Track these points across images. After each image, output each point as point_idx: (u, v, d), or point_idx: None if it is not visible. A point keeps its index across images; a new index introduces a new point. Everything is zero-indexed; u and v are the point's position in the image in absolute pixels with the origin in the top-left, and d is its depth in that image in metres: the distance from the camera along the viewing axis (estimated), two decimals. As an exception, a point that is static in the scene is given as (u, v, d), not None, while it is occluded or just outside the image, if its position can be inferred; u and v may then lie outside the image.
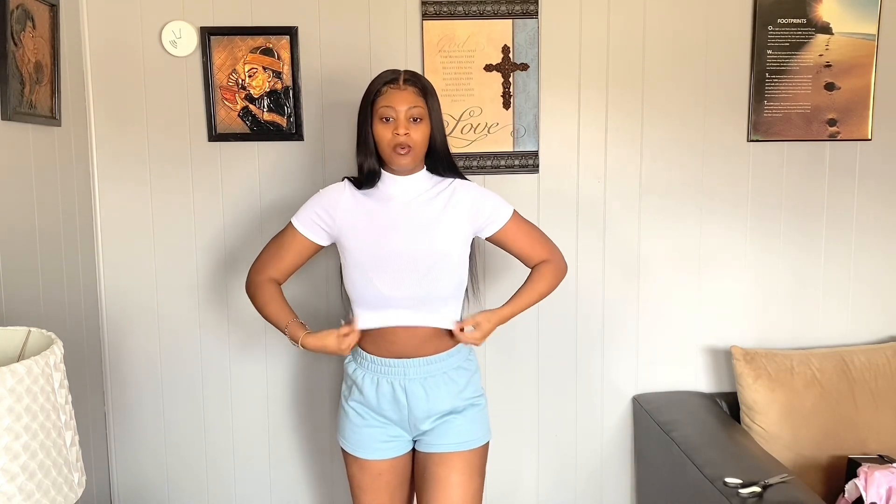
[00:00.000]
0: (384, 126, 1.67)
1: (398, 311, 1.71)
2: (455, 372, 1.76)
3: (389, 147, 1.66)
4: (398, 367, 1.72)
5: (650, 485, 2.31)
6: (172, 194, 2.26)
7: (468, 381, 1.79)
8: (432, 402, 1.73)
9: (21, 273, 1.82)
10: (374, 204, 1.74)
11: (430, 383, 1.73)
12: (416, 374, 1.72)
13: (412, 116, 1.66)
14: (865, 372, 2.25)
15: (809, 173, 2.36)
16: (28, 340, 1.26)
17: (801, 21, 2.28)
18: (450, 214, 1.73)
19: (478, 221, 1.76)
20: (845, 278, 2.42)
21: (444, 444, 1.75)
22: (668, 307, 2.39)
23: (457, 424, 1.75)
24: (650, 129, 2.31)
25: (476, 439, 1.77)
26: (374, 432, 1.77)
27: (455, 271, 1.74)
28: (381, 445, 1.77)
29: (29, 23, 1.84)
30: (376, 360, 1.74)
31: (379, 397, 1.74)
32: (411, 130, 1.65)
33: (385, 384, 1.73)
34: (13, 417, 1.05)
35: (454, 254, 1.73)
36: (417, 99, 1.67)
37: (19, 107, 1.79)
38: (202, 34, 2.18)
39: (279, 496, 2.41)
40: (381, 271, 1.70)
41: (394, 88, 1.67)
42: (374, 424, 1.77)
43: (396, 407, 1.74)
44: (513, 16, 2.23)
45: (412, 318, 1.71)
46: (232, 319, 2.32)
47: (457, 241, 1.73)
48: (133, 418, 2.34)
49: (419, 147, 1.68)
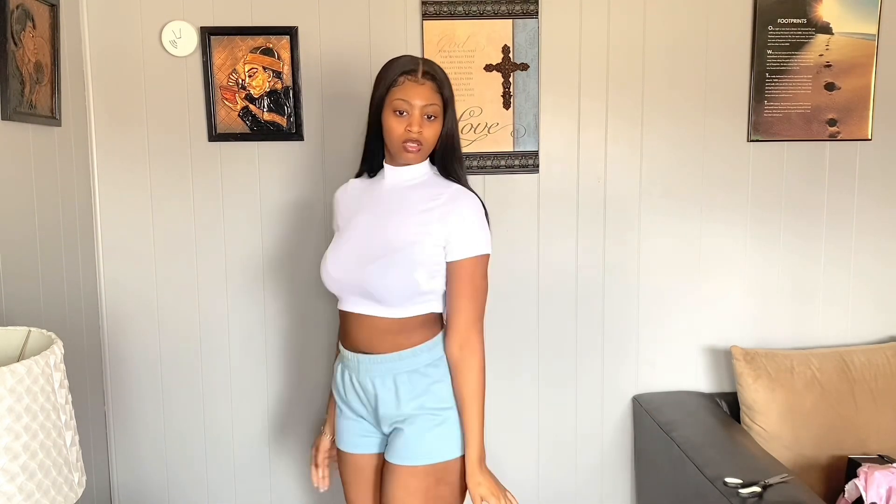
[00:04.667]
0: (397, 119, 1.60)
1: (348, 297, 1.66)
2: (409, 375, 1.63)
3: (399, 141, 1.61)
4: (354, 361, 1.66)
5: (650, 485, 2.31)
6: (172, 194, 2.26)
7: (426, 388, 1.63)
8: (386, 403, 1.64)
9: (21, 273, 1.82)
10: (367, 187, 1.74)
11: (380, 383, 1.63)
12: (367, 371, 1.64)
13: (427, 114, 1.60)
14: (865, 372, 2.25)
15: (809, 173, 2.37)
16: (28, 340, 1.26)
17: (801, 21, 2.28)
18: (427, 211, 1.62)
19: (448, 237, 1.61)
20: (845, 278, 2.42)
21: (391, 452, 1.64)
22: (668, 307, 2.39)
23: (405, 434, 1.62)
24: (650, 129, 2.31)
25: (424, 455, 1.60)
26: (351, 425, 1.74)
27: (409, 271, 1.58)
28: (359, 440, 1.73)
29: (29, 23, 1.84)
30: (343, 352, 1.71)
31: (345, 390, 1.71)
32: (424, 128, 1.60)
33: (348, 377, 1.70)
34: (13, 417, 1.05)
35: (415, 251, 1.59)
36: (434, 96, 1.60)
37: (19, 107, 1.79)
38: (202, 34, 2.18)
39: (280, 494, 2.41)
40: (335, 250, 1.69)
41: (412, 81, 1.59)
42: (350, 417, 1.74)
43: (360, 402, 1.70)
44: (513, 16, 2.23)
45: (362, 307, 1.64)
46: (232, 319, 2.32)
47: (422, 240, 1.60)
48: (133, 418, 2.34)
49: (429, 145, 1.63)
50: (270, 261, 2.30)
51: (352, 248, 1.65)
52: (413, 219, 1.62)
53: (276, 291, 2.32)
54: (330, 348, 2.32)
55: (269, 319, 2.33)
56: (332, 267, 1.67)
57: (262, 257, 2.30)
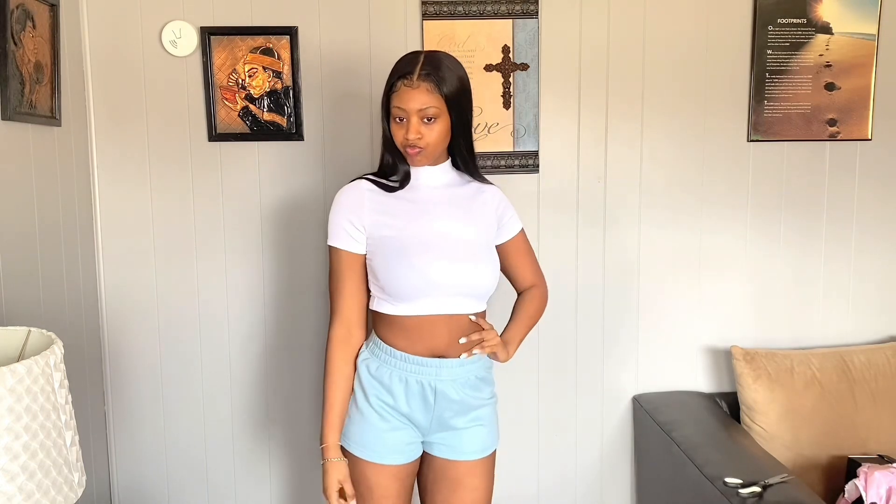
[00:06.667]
0: (397, 126, 1.63)
1: (438, 298, 1.62)
2: (478, 380, 1.72)
3: (402, 147, 1.64)
4: (431, 366, 1.64)
5: (650, 485, 2.31)
6: (172, 194, 2.26)
7: (488, 386, 1.76)
8: (461, 404, 1.68)
9: (21, 273, 1.82)
10: (402, 192, 1.70)
11: (459, 385, 1.67)
12: (448, 375, 1.65)
13: (425, 116, 1.58)
14: (865, 372, 2.25)
15: (809, 173, 2.37)
16: (28, 340, 1.26)
17: (801, 21, 2.28)
18: (479, 206, 1.74)
19: (500, 222, 1.78)
20: (845, 278, 2.42)
21: (461, 451, 1.70)
22: (669, 307, 2.39)
23: (481, 430, 1.72)
24: (650, 129, 2.31)
25: (494, 443, 1.76)
26: (399, 435, 1.66)
27: (494, 260, 1.72)
28: (405, 448, 1.67)
29: (29, 23, 1.84)
30: (408, 357, 1.64)
31: (408, 397, 1.64)
32: (424, 131, 1.59)
33: (414, 383, 1.64)
34: (13, 417, 1.05)
35: (490, 244, 1.74)
36: (430, 97, 1.57)
37: (19, 107, 1.79)
38: (202, 34, 2.18)
39: (279, 494, 2.41)
40: (423, 254, 1.61)
41: (406, 86, 1.58)
42: (399, 427, 1.66)
43: (425, 407, 1.65)
44: (513, 16, 2.23)
45: (455, 306, 1.64)
46: (232, 319, 2.32)
47: (489, 231, 1.74)
48: (133, 418, 2.34)
49: (433, 146, 1.62)
50: (270, 261, 2.30)
51: (447, 249, 1.64)
52: (475, 213, 1.72)
53: (276, 291, 2.32)
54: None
55: (269, 319, 2.33)
56: (435, 273, 1.60)
57: (262, 257, 2.30)
